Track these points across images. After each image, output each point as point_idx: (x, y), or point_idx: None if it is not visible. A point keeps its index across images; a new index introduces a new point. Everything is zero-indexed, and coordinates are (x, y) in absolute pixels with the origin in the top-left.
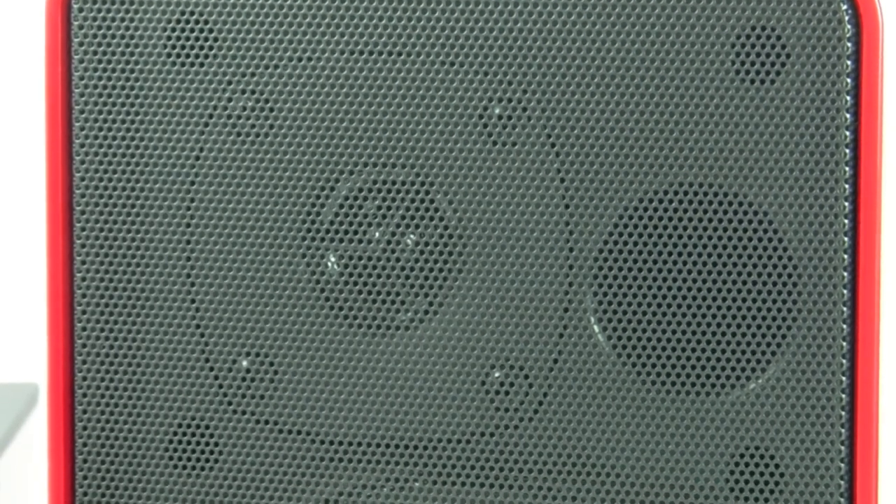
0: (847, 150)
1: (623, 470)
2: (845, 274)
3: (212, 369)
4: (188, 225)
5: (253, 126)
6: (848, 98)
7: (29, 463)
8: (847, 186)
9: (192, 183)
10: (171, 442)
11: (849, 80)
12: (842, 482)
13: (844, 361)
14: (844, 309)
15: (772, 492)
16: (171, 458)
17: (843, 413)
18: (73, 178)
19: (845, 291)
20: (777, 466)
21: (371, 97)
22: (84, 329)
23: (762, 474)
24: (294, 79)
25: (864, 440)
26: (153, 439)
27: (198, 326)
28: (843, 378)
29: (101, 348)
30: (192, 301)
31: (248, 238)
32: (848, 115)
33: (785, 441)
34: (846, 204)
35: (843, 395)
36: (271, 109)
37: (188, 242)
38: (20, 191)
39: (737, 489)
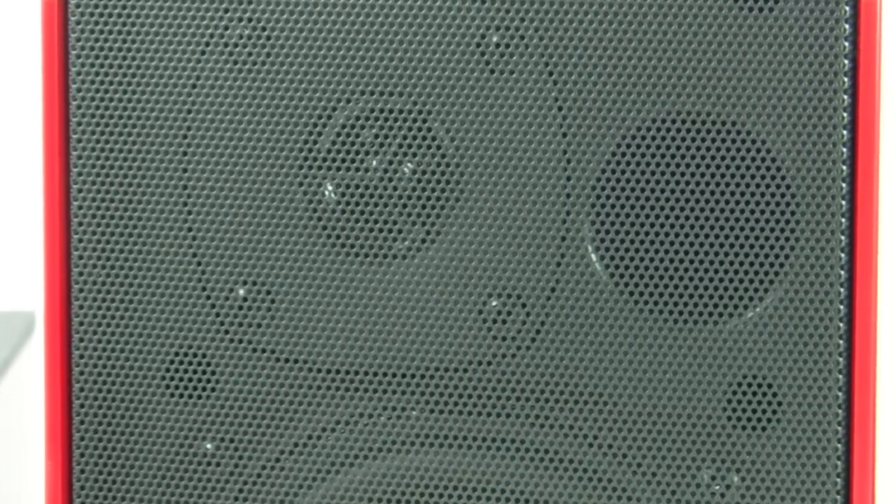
0: (846, 79)
1: (620, 399)
2: (843, 203)
3: (209, 298)
4: (185, 154)
5: (250, 55)
6: (846, 26)
7: (26, 391)
8: (845, 115)
9: (189, 112)
10: (168, 371)
11: (847, 8)
12: (839, 411)
13: (842, 290)
14: (842, 238)
15: (769, 420)
16: (167, 388)
17: (840, 342)
18: (69, 103)
19: (843, 220)
20: (775, 395)
21: (369, 25)
22: (81, 258)
23: (760, 403)
24: (291, 6)
25: (862, 369)
26: (150, 368)
27: (195, 255)
28: (841, 307)
29: (97, 277)
30: (189, 230)
31: (246, 167)
32: (846, 44)
33: (783, 370)
34: (844, 132)
35: (841, 324)
36: (268, 38)
37: (185, 171)
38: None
39: (734, 418)
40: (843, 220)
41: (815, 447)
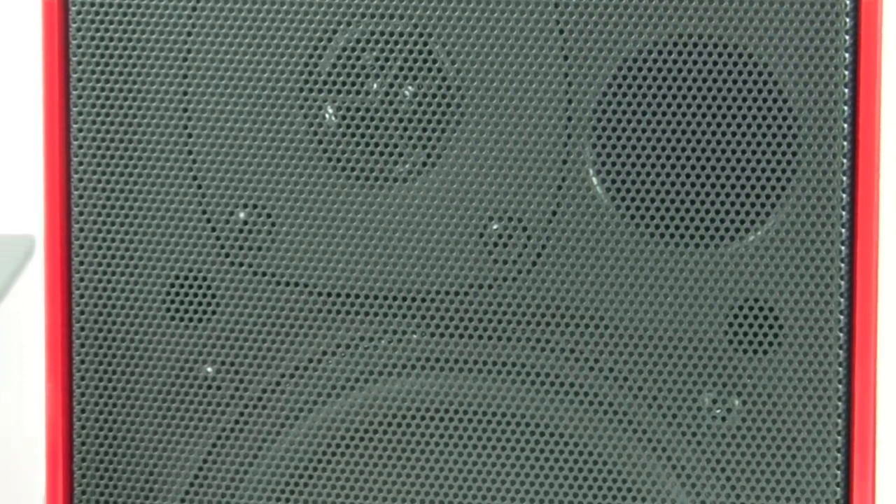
0: (847, 1)
1: (621, 322)
2: (845, 126)
3: (209, 221)
4: (185, 77)
5: None
6: None
7: (26, 315)
8: (847, 38)
9: (189, 34)
10: (168, 294)
11: None
12: (840, 334)
13: (844, 213)
14: (844, 161)
15: (770, 344)
16: (168, 311)
17: (842, 265)
18: (68, 26)
19: (845, 143)
20: (776, 318)
21: None
22: (81, 182)
23: (761, 326)
24: None
25: (863, 292)
26: (150, 292)
27: (195, 178)
28: (843, 230)
29: (97, 200)
30: (190, 153)
31: (246, 90)
32: None
33: (784, 293)
34: (846, 56)
35: (843, 248)
36: None
37: (185, 94)
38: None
39: (735, 341)
40: (845, 143)
41: (815, 370)
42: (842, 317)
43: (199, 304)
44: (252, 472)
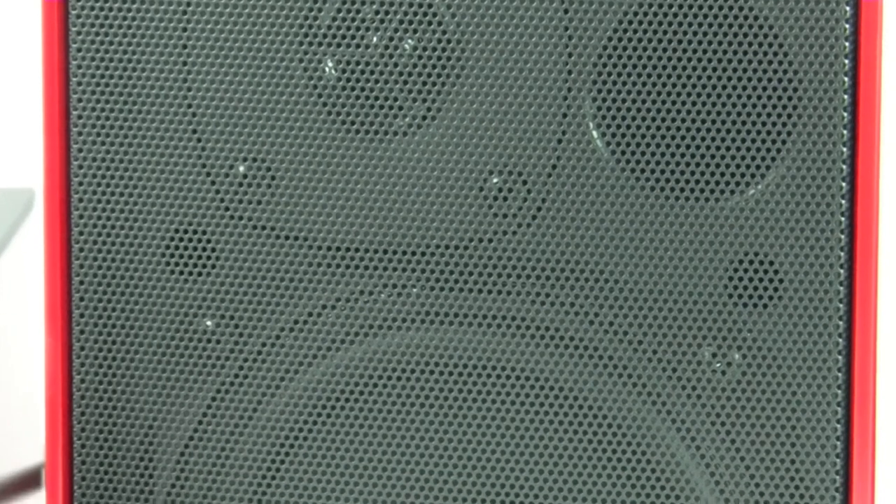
0: None
1: (621, 276)
2: (846, 79)
3: (209, 175)
4: (185, 30)
5: None
6: None
7: (25, 269)
8: None
9: None
10: (167, 248)
11: None
12: (841, 288)
13: (844, 167)
14: (845, 115)
15: (770, 298)
16: (167, 265)
17: (842, 219)
18: None
19: (846, 97)
20: (776, 273)
21: None
22: (80, 134)
23: (761, 280)
24: None
25: (864, 246)
26: (150, 245)
27: (195, 132)
28: (843, 184)
29: (97, 153)
30: (189, 106)
31: (246, 43)
32: None
33: (784, 247)
34: (847, 8)
35: (843, 202)
36: None
37: (185, 47)
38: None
39: (735, 295)
40: (846, 96)
41: (815, 324)
42: (842, 270)
43: (199, 257)
44: (251, 425)
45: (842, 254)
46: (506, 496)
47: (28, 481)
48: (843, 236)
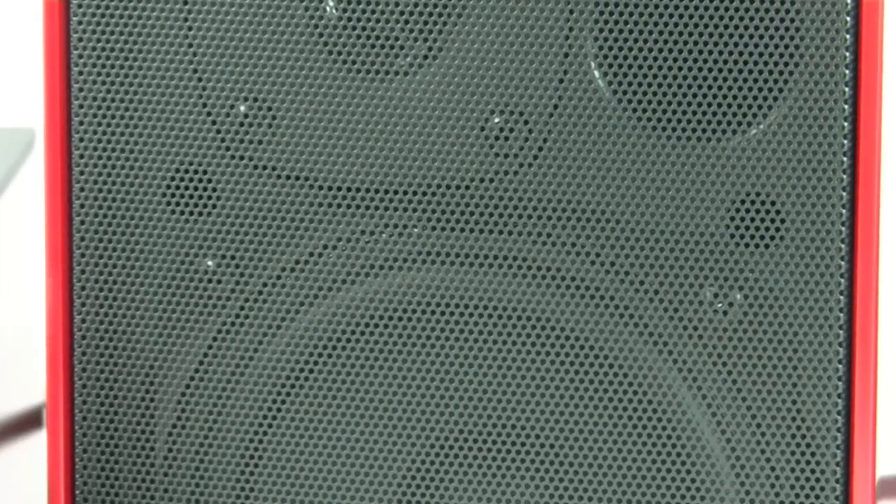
0: None
1: (623, 216)
2: (848, 18)
3: (209, 114)
4: None
5: None
6: None
7: (25, 209)
8: None
9: None
10: (168, 188)
11: None
12: (843, 228)
13: (846, 107)
14: (847, 54)
15: (772, 238)
16: (168, 205)
17: (844, 158)
18: None
19: (847, 36)
20: (778, 213)
21: None
22: (80, 74)
23: (763, 220)
24: None
25: (866, 183)
26: (151, 185)
27: (195, 71)
28: (845, 123)
29: (97, 93)
30: (190, 45)
31: None
32: None
33: (786, 187)
34: None
35: (845, 141)
36: None
37: None
38: None
39: (737, 235)
40: (848, 35)
41: (817, 264)
42: (843, 210)
43: (200, 197)
44: (253, 365)
45: (843, 193)
46: (507, 435)
47: (28, 421)
48: (844, 176)
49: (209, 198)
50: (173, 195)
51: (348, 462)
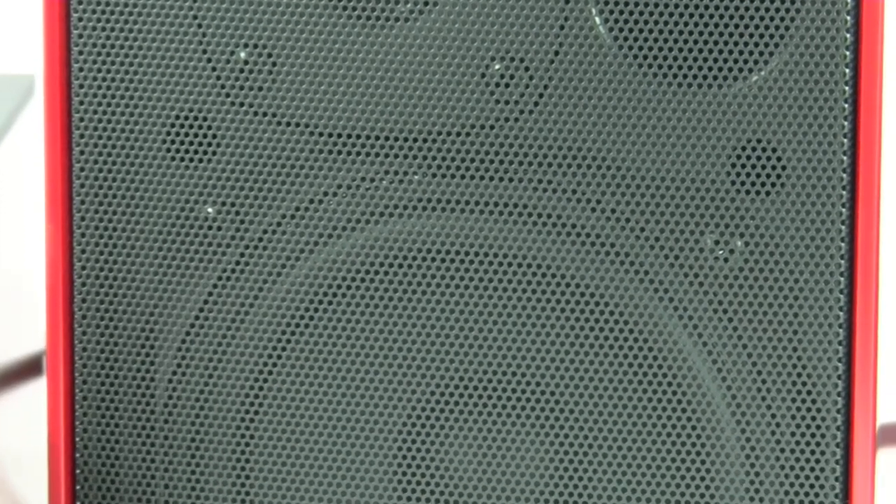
0: None
1: (623, 163)
2: None
3: (209, 61)
4: None
5: None
6: None
7: (25, 156)
8: None
9: None
10: (168, 134)
11: None
12: (844, 175)
13: (848, 53)
14: (848, 0)
15: (773, 185)
16: (168, 150)
17: (845, 105)
18: None
19: None
20: (779, 159)
21: None
22: (80, 20)
23: (764, 167)
24: None
25: (867, 130)
26: (151, 132)
27: (195, 17)
28: (847, 70)
29: (97, 38)
30: None
31: None
32: None
33: (787, 133)
34: None
35: (846, 88)
36: None
37: None
38: None
39: (738, 182)
40: None
41: (818, 211)
42: (844, 157)
43: (200, 144)
44: (253, 313)
45: (844, 140)
46: (507, 382)
47: (29, 368)
48: (845, 122)
49: (209, 145)
50: (173, 142)
51: (348, 409)
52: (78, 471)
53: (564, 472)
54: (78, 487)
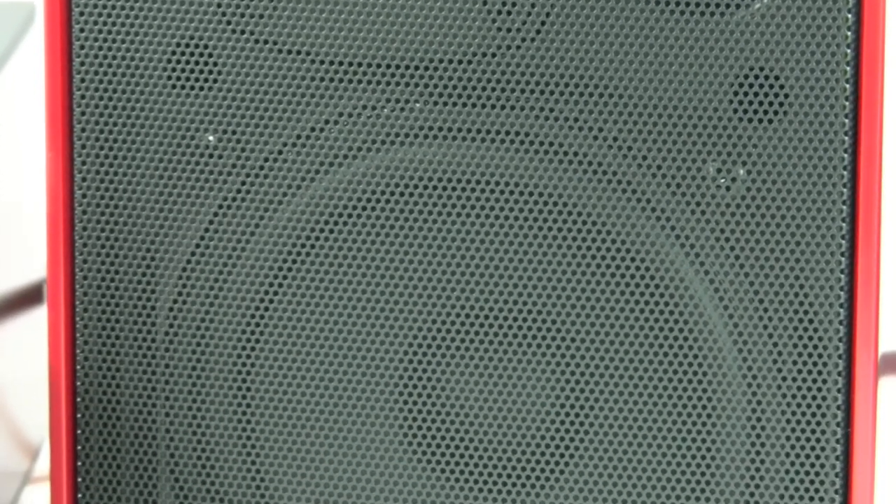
0: None
1: (626, 91)
2: None
3: None
4: None
5: None
6: None
7: (25, 83)
8: None
9: None
10: (169, 62)
11: None
12: (846, 103)
13: None
14: None
15: (776, 112)
16: (169, 78)
17: (848, 33)
18: None
19: None
20: (782, 87)
21: None
22: None
23: (766, 95)
24: None
25: (870, 58)
26: (151, 60)
27: None
28: None
29: None
30: None
31: None
32: None
33: (790, 61)
34: None
35: (849, 15)
36: None
37: None
38: None
39: (740, 110)
40: None
41: (821, 140)
42: (847, 84)
43: (201, 72)
44: (254, 241)
45: (847, 68)
46: (508, 310)
47: (29, 297)
48: (849, 50)
49: (210, 72)
50: (174, 70)
51: (350, 340)
52: (78, 399)
53: (567, 403)
54: (79, 416)
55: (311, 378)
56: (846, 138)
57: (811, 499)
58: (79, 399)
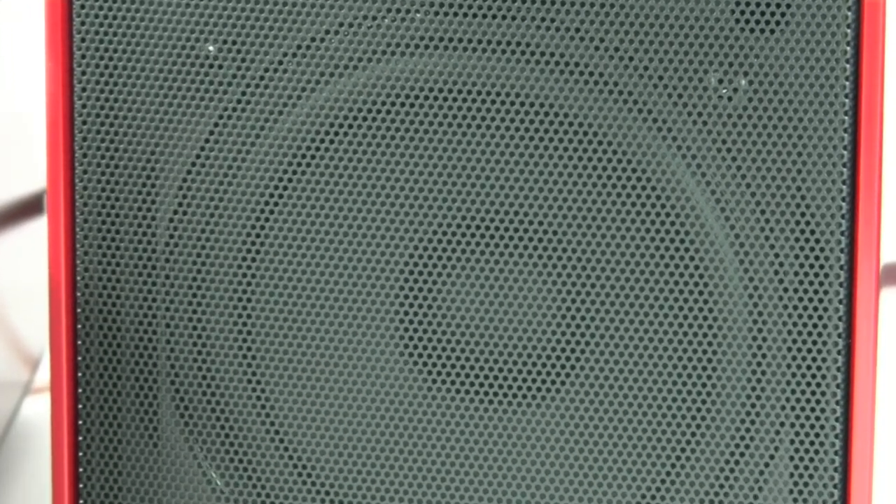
0: None
1: (627, 1)
2: None
3: None
4: None
5: None
6: None
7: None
8: None
9: None
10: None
11: None
12: (849, 13)
13: None
14: None
15: (778, 23)
16: None
17: None
18: None
19: None
20: None
21: None
22: None
23: (768, 5)
24: None
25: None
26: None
27: None
28: None
29: None
30: None
31: None
32: None
33: None
34: None
35: None
36: None
37: None
38: None
39: (742, 20)
40: None
41: (823, 50)
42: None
43: None
44: (254, 151)
45: None
46: (509, 223)
47: (29, 207)
48: None
49: None
50: None
51: (349, 249)
52: (78, 310)
53: (566, 311)
54: (79, 327)
55: (311, 287)
56: (847, 48)
57: (812, 405)
58: (79, 310)
